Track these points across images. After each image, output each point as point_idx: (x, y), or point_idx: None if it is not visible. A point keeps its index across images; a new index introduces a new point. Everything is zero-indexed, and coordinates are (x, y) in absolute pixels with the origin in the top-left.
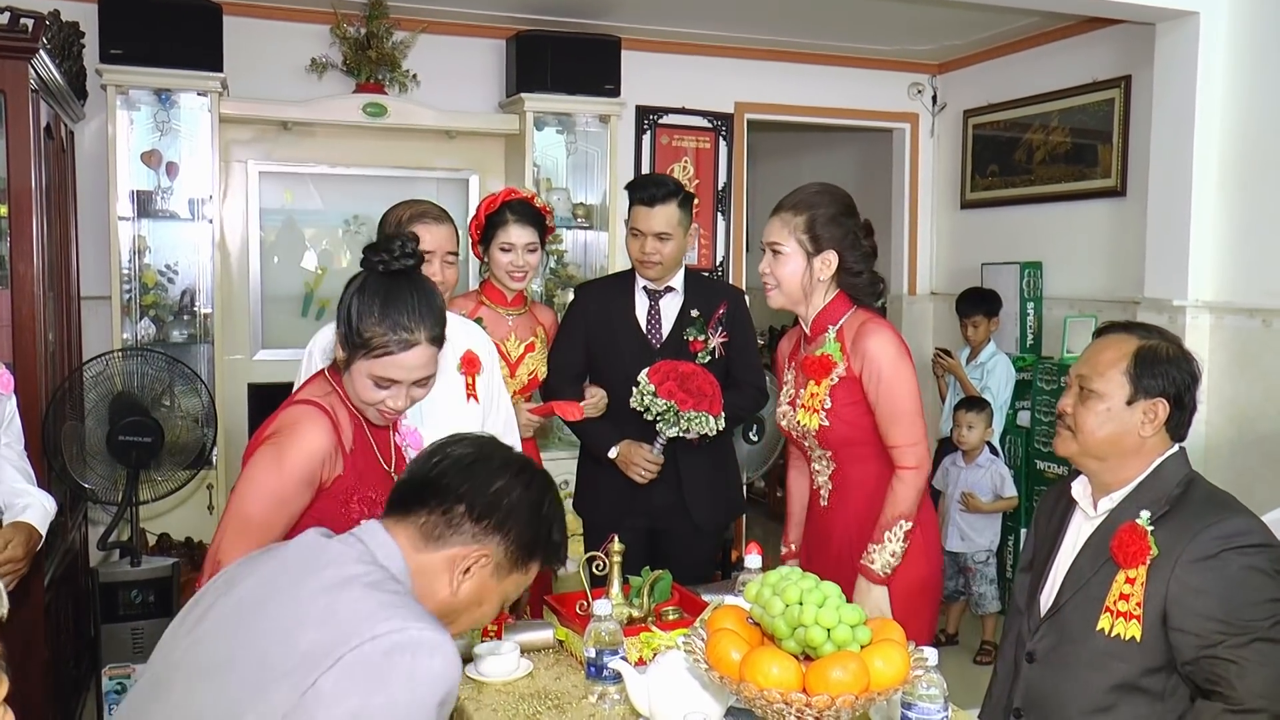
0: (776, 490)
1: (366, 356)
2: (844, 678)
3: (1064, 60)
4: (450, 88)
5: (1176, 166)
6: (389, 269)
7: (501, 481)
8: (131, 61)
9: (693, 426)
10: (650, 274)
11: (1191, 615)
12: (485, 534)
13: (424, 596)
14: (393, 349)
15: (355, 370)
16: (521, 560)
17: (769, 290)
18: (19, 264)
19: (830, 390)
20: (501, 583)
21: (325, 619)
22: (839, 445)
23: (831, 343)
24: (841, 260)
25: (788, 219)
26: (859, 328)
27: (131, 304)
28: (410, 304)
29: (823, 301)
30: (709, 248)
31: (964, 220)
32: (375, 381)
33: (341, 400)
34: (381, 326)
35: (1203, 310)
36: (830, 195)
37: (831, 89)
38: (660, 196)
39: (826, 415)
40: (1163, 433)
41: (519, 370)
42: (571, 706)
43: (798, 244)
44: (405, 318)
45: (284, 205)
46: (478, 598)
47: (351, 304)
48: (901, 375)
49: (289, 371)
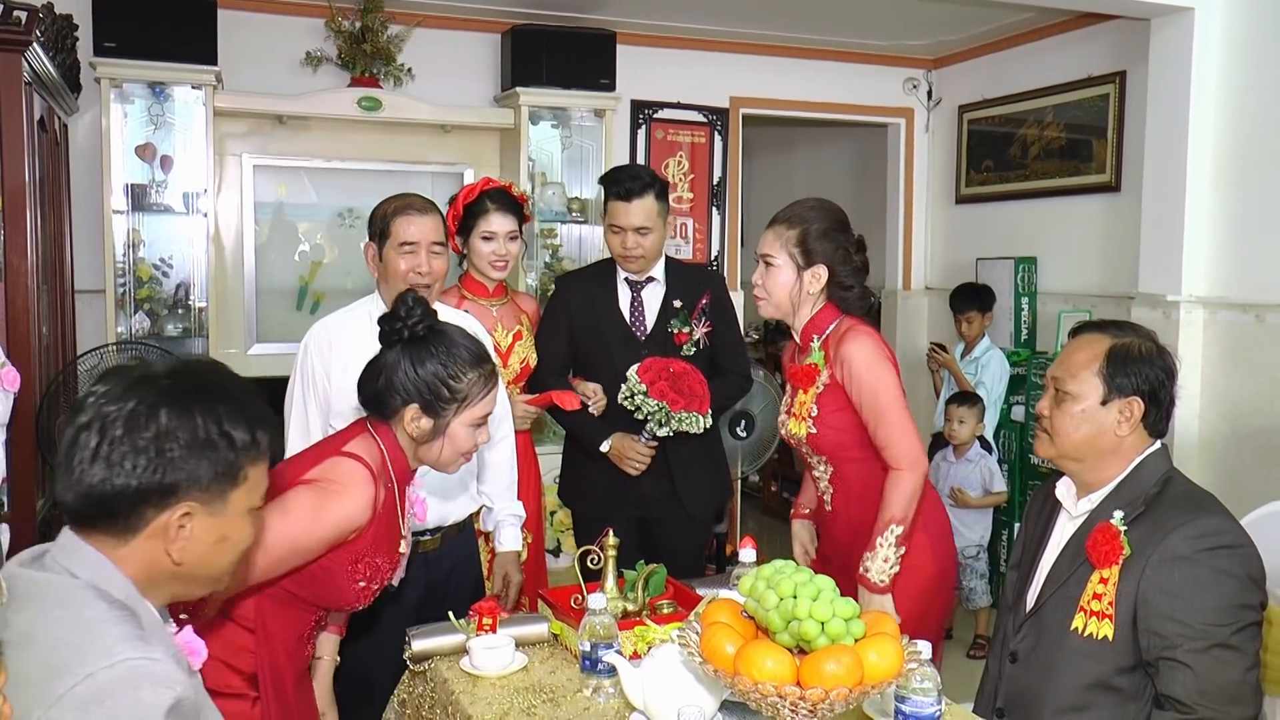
0: (771, 485)
1: (465, 408)
2: (838, 671)
3: (1059, 56)
4: (445, 82)
5: (1171, 162)
6: (415, 334)
7: (143, 452)
8: (125, 54)
9: (683, 426)
10: (633, 268)
11: (1156, 615)
12: (165, 500)
13: (149, 584)
14: (491, 385)
15: (453, 429)
16: (225, 485)
17: (759, 300)
18: (13, 257)
19: (816, 398)
20: (227, 512)
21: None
22: (830, 451)
23: (817, 352)
24: (832, 274)
25: (780, 232)
26: (841, 335)
27: (126, 298)
28: (470, 342)
29: (810, 313)
30: (704, 242)
31: (959, 215)
32: (475, 425)
33: (386, 463)
34: (471, 373)
35: (1196, 305)
36: (823, 210)
37: (827, 84)
38: (637, 190)
39: (814, 423)
40: (1140, 430)
41: (510, 360)
42: (566, 700)
43: (789, 257)
44: (480, 354)
45: (278, 199)
46: (216, 538)
47: (424, 373)
48: (879, 375)
49: (284, 365)
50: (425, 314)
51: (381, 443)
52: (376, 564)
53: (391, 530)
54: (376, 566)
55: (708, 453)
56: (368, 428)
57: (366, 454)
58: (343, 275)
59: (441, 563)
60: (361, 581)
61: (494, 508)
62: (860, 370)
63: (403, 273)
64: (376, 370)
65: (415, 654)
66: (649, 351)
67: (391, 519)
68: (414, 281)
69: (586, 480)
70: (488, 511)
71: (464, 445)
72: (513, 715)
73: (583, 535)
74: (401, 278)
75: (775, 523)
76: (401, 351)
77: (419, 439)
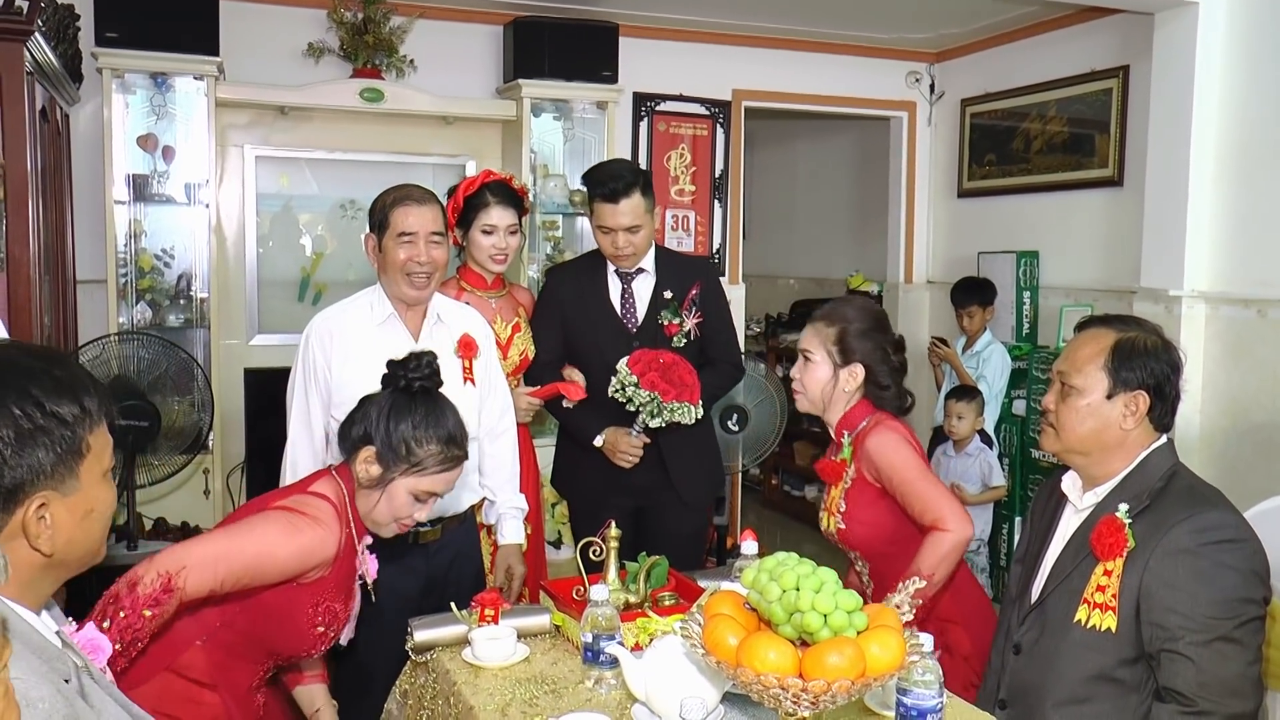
0: (772, 479)
1: (415, 473)
2: (840, 663)
3: (1062, 50)
4: (447, 73)
5: (1173, 157)
6: (410, 387)
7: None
8: (127, 45)
9: (675, 416)
10: (625, 265)
11: (1159, 608)
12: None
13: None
14: (448, 466)
15: (395, 487)
16: (70, 464)
17: (796, 394)
18: (15, 247)
19: (845, 494)
20: (82, 487)
21: None
22: (861, 547)
23: (847, 448)
24: (869, 373)
25: (820, 329)
26: (868, 431)
27: (128, 288)
28: (454, 422)
29: (844, 409)
30: (706, 235)
31: (961, 209)
32: (417, 496)
33: (348, 506)
34: (435, 445)
35: (1198, 300)
36: (863, 310)
37: (829, 77)
38: (622, 190)
39: (843, 518)
40: (1146, 424)
41: (509, 351)
42: (568, 691)
43: (826, 354)
44: (455, 437)
45: (280, 190)
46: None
47: (395, 423)
48: (902, 454)
49: (285, 357)
50: (430, 375)
51: (344, 487)
52: (335, 610)
53: (349, 577)
54: (335, 613)
55: (700, 441)
56: (331, 472)
57: (332, 494)
58: (344, 267)
59: (442, 554)
60: (320, 626)
61: (496, 500)
62: (881, 455)
63: (401, 263)
64: (361, 402)
65: (417, 644)
66: (639, 343)
67: (350, 565)
68: (412, 271)
69: (580, 470)
70: (490, 504)
71: (401, 510)
72: (515, 706)
73: (579, 525)
74: (400, 268)
75: (776, 516)
76: (390, 395)
77: (364, 482)
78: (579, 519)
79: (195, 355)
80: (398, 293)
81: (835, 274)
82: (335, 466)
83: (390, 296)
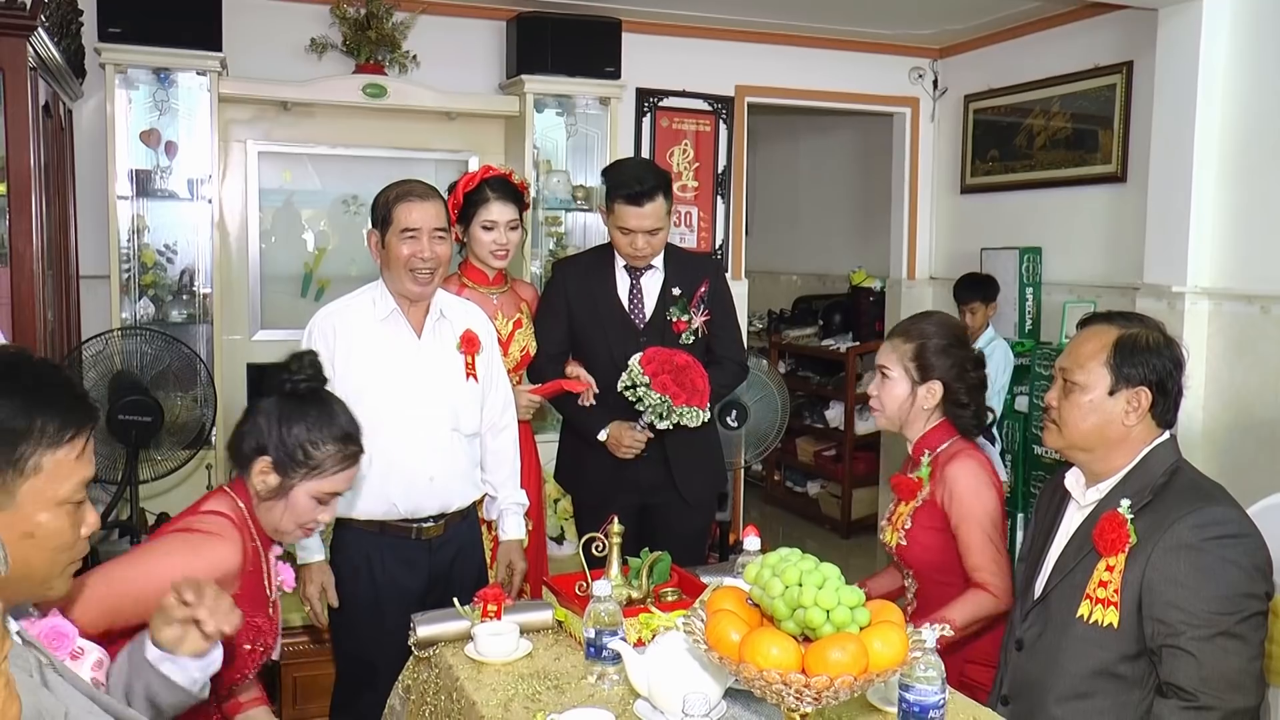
0: (774, 474)
1: (314, 477)
2: (843, 659)
3: (1066, 45)
4: (450, 69)
5: (1177, 153)
6: (297, 390)
7: None
8: (130, 40)
9: (682, 420)
10: (640, 264)
11: (1161, 603)
12: None
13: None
14: (347, 464)
15: (296, 493)
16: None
17: (874, 411)
18: (18, 242)
19: (913, 512)
20: (21, 507)
21: None
22: (917, 566)
23: (925, 468)
24: (948, 390)
25: (898, 345)
26: (950, 456)
27: (130, 283)
28: (346, 419)
29: (924, 428)
30: (708, 231)
31: (964, 205)
32: (319, 499)
33: (250, 524)
34: (332, 446)
35: (1201, 296)
36: (943, 326)
37: (832, 72)
38: (646, 193)
39: (905, 535)
40: (1149, 421)
41: (510, 348)
42: (571, 686)
43: (904, 371)
44: (350, 433)
45: (283, 185)
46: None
47: (288, 429)
48: (983, 500)
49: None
50: (315, 375)
51: (240, 501)
52: (256, 624)
53: (260, 590)
54: (257, 627)
55: (704, 440)
56: (226, 490)
57: (228, 509)
58: (347, 262)
59: (444, 550)
60: (247, 645)
61: (497, 496)
62: (964, 492)
63: (405, 259)
64: (247, 413)
65: (420, 640)
66: (647, 339)
67: (259, 578)
68: (416, 267)
69: (584, 466)
70: (491, 500)
71: (304, 516)
72: (517, 701)
73: (583, 521)
74: (404, 264)
75: (778, 512)
76: (277, 403)
77: (263, 494)
78: (583, 515)
79: (198, 351)
80: (401, 289)
81: (838, 270)
82: (228, 483)
83: (393, 292)
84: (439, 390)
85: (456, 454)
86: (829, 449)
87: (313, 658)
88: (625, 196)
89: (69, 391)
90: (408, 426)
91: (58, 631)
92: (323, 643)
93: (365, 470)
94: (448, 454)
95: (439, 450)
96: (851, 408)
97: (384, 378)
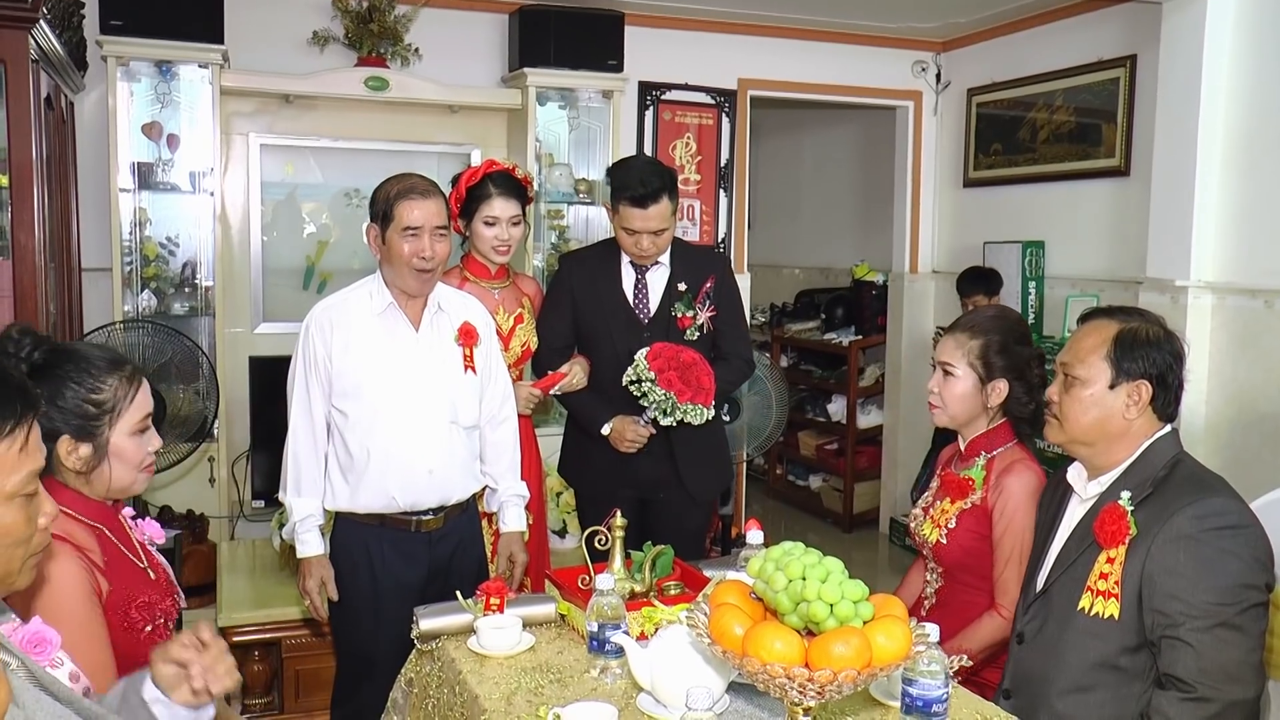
0: (776, 468)
1: (119, 418)
2: (846, 653)
3: (1069, 39)
4: (452, 62)
5: (1181, 146)
6: (35, 365)
7: None
8: (132, 33)
9: (687, 417)
10: (646, 263)
11: (1161, 594)
12: None
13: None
14: (136, 385)
15: (115, 444)
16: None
17: (934, 409)
18: (20, 234)
19: (959, 513)
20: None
21: None
22: (951, 566)
23: (979, 469)
24: (1010, 389)
25: (962, 340)
26: (1010, 463)
27: (132, 276)
28: (98, 352)
29: (985, 427)
30: (711, 224)
31: (966, 199)
32: (138, 430)
33: (74, 519)
34: (110, 379)
35: (1205, 291)
36: (1006, 322)
37: (835, 66)
38: (651, 195)
39: (946, 534)
40: (1150, 414)
41: (511, 342)
42: (574, 680)
43: (969, 368)
44: (117, 362)
45: (285, 178)
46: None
47: (56, 402)
48: (1028, 523)
49: (290, 345)
50: (36, 341)
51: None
52: (144, 601)
53: (131, 566)
54: (148, 604)
55: (710, 436)
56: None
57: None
58: (349, 255)
59: (444, 543)
60: (147, 626)
61: (498, 488)
62: (1017, 508)
63: (406, 257)
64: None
65: (423, 633)
66: (651, 335)
67: (121, 558)
68: (418, 266)
69: (588, 460)
70: (491, 492)
71: (135, 457)
72: (520, 695)
73: (585, 515)
74: (406, 262)
75: (780, 506)
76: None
77: (84, 470)
78: (585, 508)
79: (200, 343)
80: (401, 284)
81: (841, 264)
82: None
83: (391, 286)
84: (437, 383)
85: (455, 447)
86: (831, 443)
87: (313, 651)
88: (630, 199)
89: (4, 382)
90: (406, 419)
91: (40, 638)
92: (323, 636)
93: (364, 463)
94: (446, 447)
95: (438, 443)
96: (854, 401)
97: (382, 371)
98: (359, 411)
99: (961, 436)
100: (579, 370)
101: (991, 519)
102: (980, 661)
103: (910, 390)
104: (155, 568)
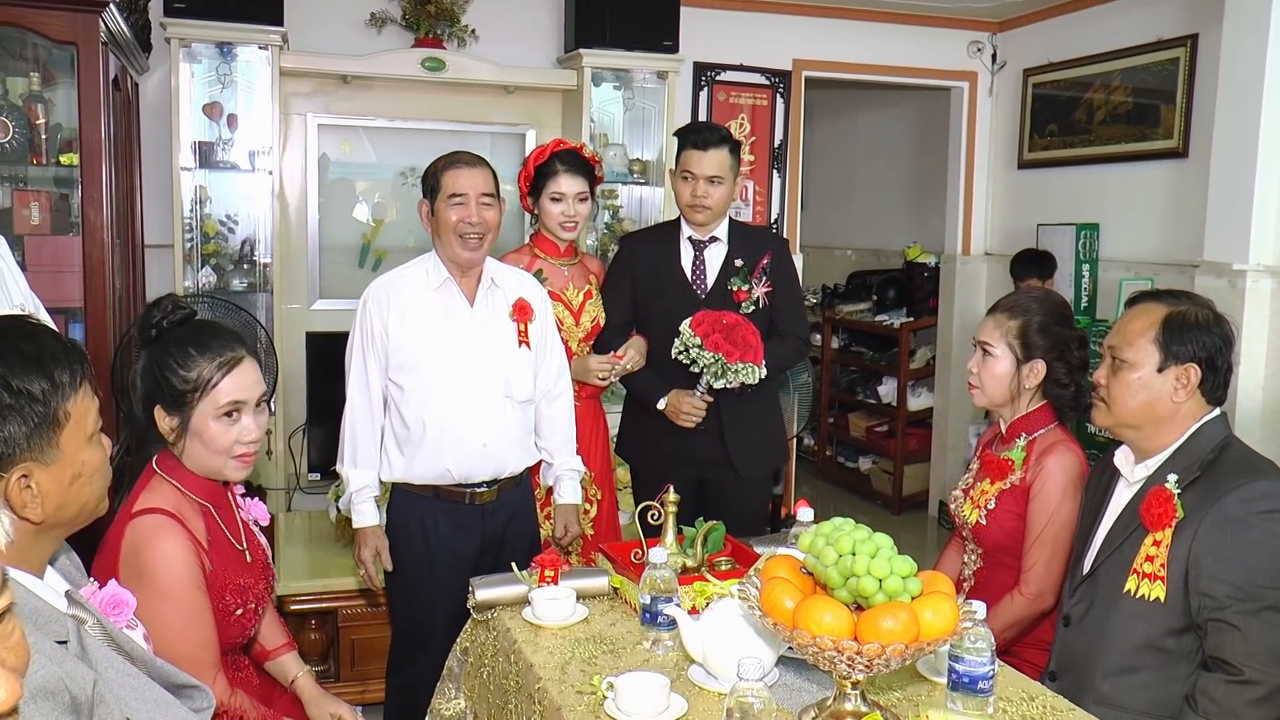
0: (826, 450)
1: (202, 397)
2: (895, 627)
3: (1128, 18)
4: (508, 43)
5: (1243, 127)
6: (162, 332)
7: None
8: (194, 15)
9: (740, 377)
10: (699, 219)
11: (1207, 577)
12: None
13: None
14: (228, 369)
15: (196, 424)
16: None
17: (973, 389)
18: (89, 211)
19: (999, 494)
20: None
21: None
22: (990, 547)
23: (1019, 450)
24: (1049, 370)
25: (1001, 321)
26: (1050, 445)
27: (193, 253)
28: (209, 332)
29: (1025, 408)
30: (764, 204)
31: (1021, 180)
32: (223, 415)
33: (184, 495)
34: (201, 359)
35: (1264, 274)
36: (1046, 303)
37: (890, 47)
38: (713, 140)
39: (986, 515)
40: (1198, 397)
41: (582, 318)
42: (626, 651)
43: (1008, 348)
44: (216, 345)
45: (341, 157)
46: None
47: (156, 369)
48: (1068, 505)
49: (346, 321)
50: (173, 309)
51: (169, 477)
52: (240, 584)
53: (231, 548)
54: (242, 588)
55: (764, 415)
56: (154, 469)
57: (159, 502)
58: (404, 234)
59: (498, 515)
60: (238, 610)
61: (553, 462)
62: (1054, 489)
63: (453, 224)
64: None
65: (479, 603)
66: (708, 309)
67: (223, 541)
68: (462, 232)
69: (645, 438)
70: (547, 466)
71: (221, 440)
72: (574, 664)
73: (641, 492)
74: (453, 229)
75: (829, 487)
76: (146, 354)
77: (173, 441)
78: (641, 485)
79: (258, 319)
80: (452, 255)
81: (893, 245)
82: (155, 459)
83: (445, 260)
84: (491, 357)
85: (509, 420)
86: (881, 425)
87: (369, 620)
88: (692, 141)
89: (59, 341)
90: (460, 393)
91: (118, 599)
92: (378, 606)
93: (420, 435)
94: (500, 420)
95: (492, 416)
96: (904, 383)
97: (437, 345)
98: (414, 384)
99: (1002, 419)
100: (634, 353)
101: (1029, 498)
102: (1023, 643)
103: (961, 373)
104: (254, 549)
